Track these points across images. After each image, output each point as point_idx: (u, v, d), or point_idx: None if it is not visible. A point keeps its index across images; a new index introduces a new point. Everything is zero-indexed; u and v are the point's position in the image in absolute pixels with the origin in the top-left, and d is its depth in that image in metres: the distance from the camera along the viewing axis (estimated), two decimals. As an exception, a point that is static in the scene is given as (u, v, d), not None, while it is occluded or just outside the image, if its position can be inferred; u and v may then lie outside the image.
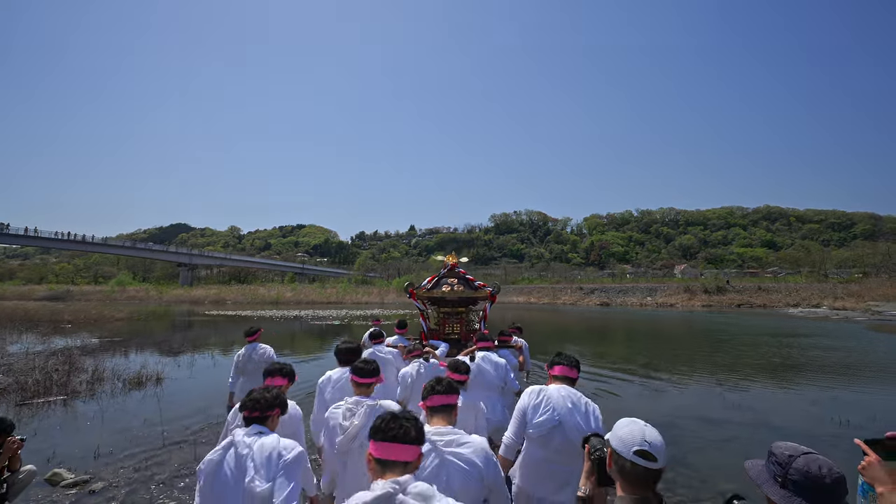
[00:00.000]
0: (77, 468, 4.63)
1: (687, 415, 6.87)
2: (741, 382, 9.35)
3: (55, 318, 23.94)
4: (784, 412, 7.05)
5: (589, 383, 8.91)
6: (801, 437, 5.92)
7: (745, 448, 5.46)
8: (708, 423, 6.44)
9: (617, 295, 54.12)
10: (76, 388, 8.11)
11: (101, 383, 8.65)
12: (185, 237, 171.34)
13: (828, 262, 72.33)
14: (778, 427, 6.23)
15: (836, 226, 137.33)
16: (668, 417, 6.71)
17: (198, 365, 11.22)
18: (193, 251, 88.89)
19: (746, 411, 7.07)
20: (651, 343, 16.80)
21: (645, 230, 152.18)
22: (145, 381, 8.86)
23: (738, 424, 6.38)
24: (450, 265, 7.05)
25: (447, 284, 6.65)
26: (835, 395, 8.31)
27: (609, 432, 1.47)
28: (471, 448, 1.85)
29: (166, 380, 9.10)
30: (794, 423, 6.49)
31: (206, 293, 61.13)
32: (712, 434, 5.97)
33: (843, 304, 37.57)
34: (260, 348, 5.11)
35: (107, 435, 5.72)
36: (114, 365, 10.49)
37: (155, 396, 7.81)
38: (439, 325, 6.74)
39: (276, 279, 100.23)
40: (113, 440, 5.53)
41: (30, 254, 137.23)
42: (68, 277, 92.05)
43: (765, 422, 6.52)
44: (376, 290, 65.34)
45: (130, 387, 8.45)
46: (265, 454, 1.85)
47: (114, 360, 11.52)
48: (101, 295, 58.59)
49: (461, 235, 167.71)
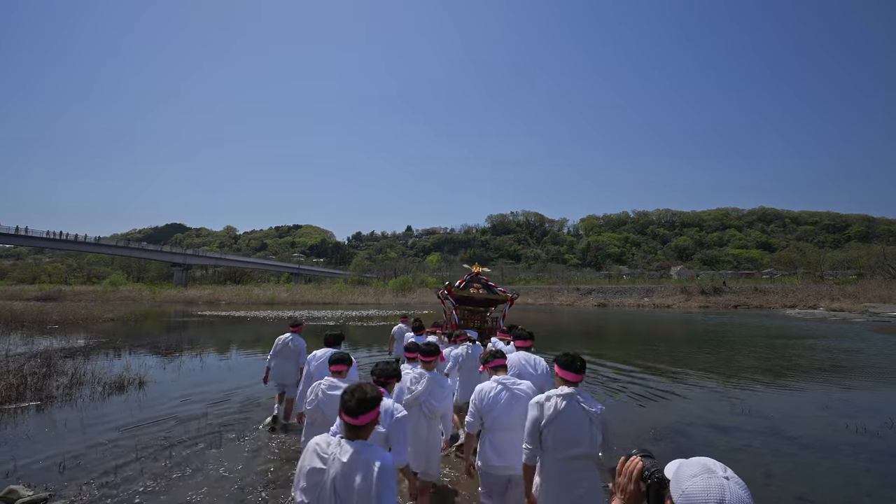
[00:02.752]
0: (38, 483, 4.23)
1: (694, 421, 6.56)
2: (748, 385, 9.06)
3: (42, 318, 23.36)
4: (796, 418, 6.74)
5: (590, 386, 8.59)
6: (818, 447, 5.61)
7: (759, 459, 5.14)
8: (717, 431, 6.12)
9: (614, 296, 53.96)
10: (52, 392, 7.69)
11: (80, 387, 8.23)
12: (181, 237, 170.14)
13: (823, 263, 72.60)
14: (793, 436, 5.91)
15: (831, 227, 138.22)
16: (676, 424, 6.39)
17: (185, 367, 10.81)
18: (188, 251, 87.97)
19: (757, 417, 6.75)
20: (650, 344, 16.51)
21: (641, 231, 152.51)
22: (127, 384, 8.44)
23: (750, 432, 6.06)
24: (474, 272, 8.60)
25: (474, 287, 8.23)
26: (846, 398, 8.03)
27: (667, 470, 1.10)
28: (524, 385, 3.15)
29: (149, 383, 8.69)
30: (808, 430, 6.18)
31: (201, 293, 60.38)
32: (724, 443, 5.65)
33: (839, 306, 37.52)
34: (297, 339, 6.01)
35: (78, 445, 5.32)
36: (96, 368, 10.05)
37: (136, 401, 7.41)
38: (464, 319, 8.16)
39: (272, 279, 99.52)
40: (84, 451, 5.13)
41: (23, 254, 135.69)
42: (61, 277, 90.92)
43: (777, 429, 6.20)
44: (372, 290, 64.88)
45: (110, 391, 8.02)
46: (384, 408, 2.54)
47: (97, 362, 11.06)
48: (93, 295, 57.72)
49: (458, 236, 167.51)
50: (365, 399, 1.96)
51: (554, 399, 2.56)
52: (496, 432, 3.00)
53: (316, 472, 1.89)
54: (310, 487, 1.90)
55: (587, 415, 2.49)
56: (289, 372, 5.95)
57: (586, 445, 2.46)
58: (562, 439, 2.48)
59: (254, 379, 9.22)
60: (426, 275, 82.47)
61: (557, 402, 2.54)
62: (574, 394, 2.56)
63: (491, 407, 3.01)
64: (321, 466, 1.88)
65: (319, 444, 1.96)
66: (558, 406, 2.52)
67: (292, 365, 5.95)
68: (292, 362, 5.95)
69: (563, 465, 2.49)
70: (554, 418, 2.50)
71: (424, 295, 59.55)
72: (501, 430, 2.98)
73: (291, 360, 5.94)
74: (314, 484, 1.89)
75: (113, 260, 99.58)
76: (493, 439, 3.01)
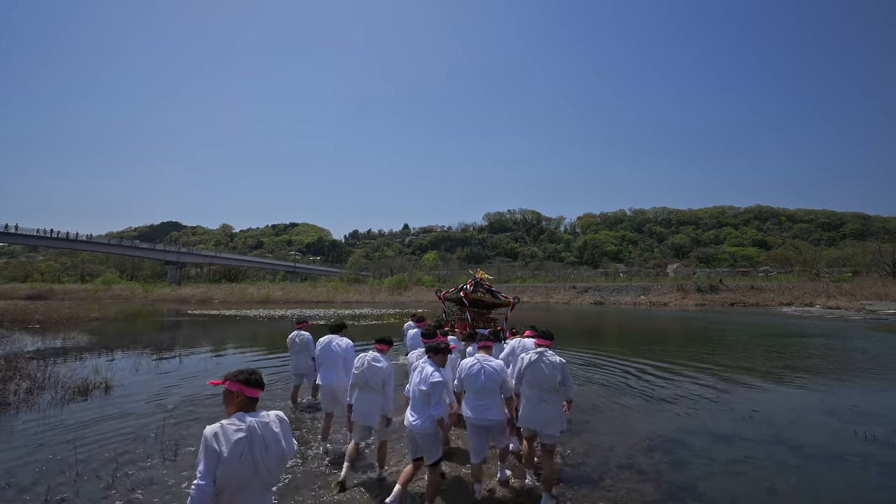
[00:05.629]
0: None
1: (692, 428, 6.13)
2: (748, 387, 8.64)
3: (25, 317, 22.79)
4: (800, 425, 6.33)
5: (581, 386, 8.16)
6: (825, 458, 5.16)
7: (763, 472, 4.72)
8: (717, 440, 5.70)
9: (610, 294, 53.66)
10: (8, 398, 7.19)
11: (42, 392, 7.75)
12: (177, 235, 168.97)
13: (819, 261, 72.62)
14: (797, 445, 5.49)
15: (826, 225, 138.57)
16: (673, 433, 5.97)
17: (161, 368, 10.33)
18: (182, 249, 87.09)
19: (759, 424, 6.34)
20: (646, 343, 16.11)
21: (638, 229, 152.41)
22: (92, 388, 7.96)
23: (752, 441, 5.64)
24: (478, 278, 9.27)
25: (480, 291, 8.94)
26: (851, 402, 7.63)
27: None
28: (495, 363, 4.03)
29: (116, 387, 8.21)
30: (813, 438, 5.76)
31: (194, 292, 59.62)
32: (724, 454, 5.22)
33: (836, 304, 37.28)
34: (302, 334, 6.88)
35: (19, 460, 4.85)
36: (65, 371, 9.57)
37: (97, 408, 6.93)
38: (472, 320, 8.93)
39: (268, 278, 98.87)
40: (23, 467, 4.66)
41: (17, 252, 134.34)
42: (55, 276, 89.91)
43: (781, 437, 5.78)
44: (368, 289, 64.31)
45: (72, 396, 7.54)
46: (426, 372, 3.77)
47: (67, 364, 10.56)
48: (84, 294, 56.95)
49: (455, 234, 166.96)
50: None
51: (530, 354, 4.17)
52: (469, 394, 4.07)
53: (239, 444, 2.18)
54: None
55: (551, 364, 4.02)
56: (303, 363, 6.88)
57: (549, 383, 4.00)
58: (534, 379, 4.07)
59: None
60: (422, 273, 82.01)
61: (532, 356, 4.13)
62: (543, 351, 4.13)
63: (467, 375, 4.06)
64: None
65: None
66: (532, 359, 4.11)
67: (305, 356, 6.85)
68: (304, 354, 6.86)
69: (536, 394, 4.08)
70: (528, 366, 4.11)
71: (420, 293, 59.08)
72: (472, 393, 4.02)
73: (303, 352, 6.86)
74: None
75: (108, 258, 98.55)
76: (467, 399, 4.11)
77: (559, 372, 3.95)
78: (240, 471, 2.07)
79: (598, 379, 9.42)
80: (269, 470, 2.15)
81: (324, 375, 5.31)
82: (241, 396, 2.26)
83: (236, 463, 2.06)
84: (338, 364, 5.27)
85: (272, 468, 2.16)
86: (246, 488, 2.11)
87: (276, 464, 2.18)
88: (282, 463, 2.21)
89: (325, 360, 5.32)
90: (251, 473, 2.10)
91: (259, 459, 2.10)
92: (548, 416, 3.95)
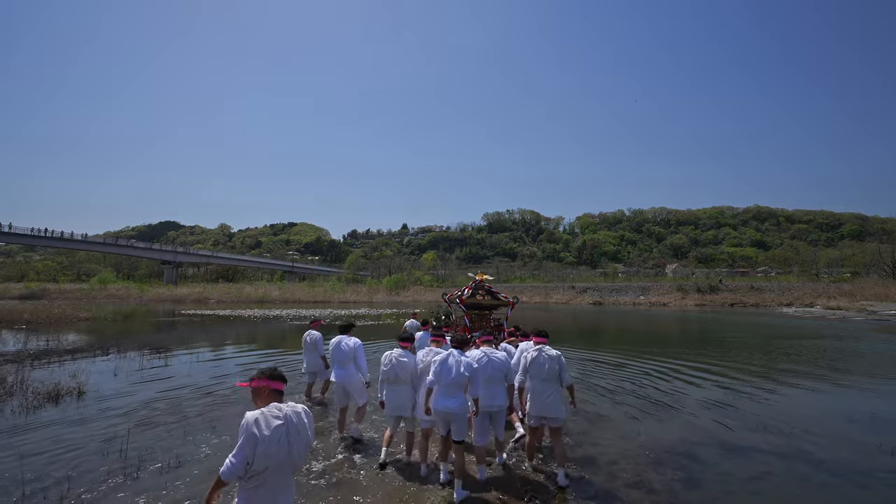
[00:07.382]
0: None
1: (702, 439, 5.70)
2: (758, 392, 8.20)
3: (13, 317, 22.27)
4: (819, 435, 5.88)
5: (581, 392, 7.72)
6: (851, 473, 4.67)
7: (784, 490, 4.28)
8: (730, 452, 5.26)
9: (609, 294, 53.28)
10: (-30, 405, 6.74)
11: (10, 398, 7.29)
12: (174, 235, 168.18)
13: (818, 261, 72.38)
14: (819, 459, 5.05)
15: (824, 226, 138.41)
16: (680, 443, 5.53)
17: (144, 372, 9.84)
18: (179, 249, 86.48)
19: (773, 434, 5.90)
20: (646, 344, 15.66)
21: (637, 229, 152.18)
22: (63, 394, 7.50)
23: (769, 453, 5.21)
24: (478, 280, 9.23)
25: (480, 294, 8.96)
26: (870, 409, 7.19)
27: None
28: (500, 354, 4.67)
29: (89, 392, 7.74)
30: (835, 451, 5.31)
31: (190, 292, 59.07)
32: (740, 469, 4.79)
33: (836, 304, 36.97)
34: (313, 333, 7.21)
35: (-36, 476, 4.39)
36: (40, 374, 9.11)
37: (63, 416, 6.47)
38: (473, 322, 8.95)
39: (266, 278, 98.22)
40: (-34, 485, 4.21)
41: (13, 251, 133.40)
42: (50, 275, 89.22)
43: (800, 449, 5.34)
44: (365, 289, 63.81)
45: (41, 402, 7.08)
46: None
47: (44, 368, 10.08)
48: (79, 293, 56.34)
49: (454, 234, 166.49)
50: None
51: (531, 351, 4.64)
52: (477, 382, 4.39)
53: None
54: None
55: (550, 358, 4.51)
56: (315, 361, 7.17)
57: (550, 374, 4.48)
58: (536, 371, 4.54)
59: (212, 389, 8.31)
60: (421, 273, 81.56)
61: (532, 352, 4.61)
62: (541, 347, 4.60)
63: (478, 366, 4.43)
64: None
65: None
66: (533, 354, 4.59)
67: (314, 355, 7.15)
68: (315, 353, 7.16)
69: (539, 385, 4.53)
70: (531, 361, 4.57)
71: (418, 293, 58.64)
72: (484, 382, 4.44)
73: (314, 351, 7.16)
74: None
75: (105, 258, 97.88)
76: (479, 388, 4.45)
77: (556, 362, 4.48)
78: (278, 453, 2.34)
79: (597, 381, 8.99)
80: (300, 454, 2.44)
81: (336, 373, 5.64)
82: (268, 390, 2.54)
83: (275, 446, 2.33)
84: (348, 362, 5.57)
85: (301, 453, 2.45)
86: (278, 470, 2.39)
87: (304, 448, 2.47)
88: (307, 448, 2.52)
89: (337, 358, 5.62)
90: (286, 455, 2.38)
91: (293, 443, 2.39)
92: (552, 403, 4.46)
